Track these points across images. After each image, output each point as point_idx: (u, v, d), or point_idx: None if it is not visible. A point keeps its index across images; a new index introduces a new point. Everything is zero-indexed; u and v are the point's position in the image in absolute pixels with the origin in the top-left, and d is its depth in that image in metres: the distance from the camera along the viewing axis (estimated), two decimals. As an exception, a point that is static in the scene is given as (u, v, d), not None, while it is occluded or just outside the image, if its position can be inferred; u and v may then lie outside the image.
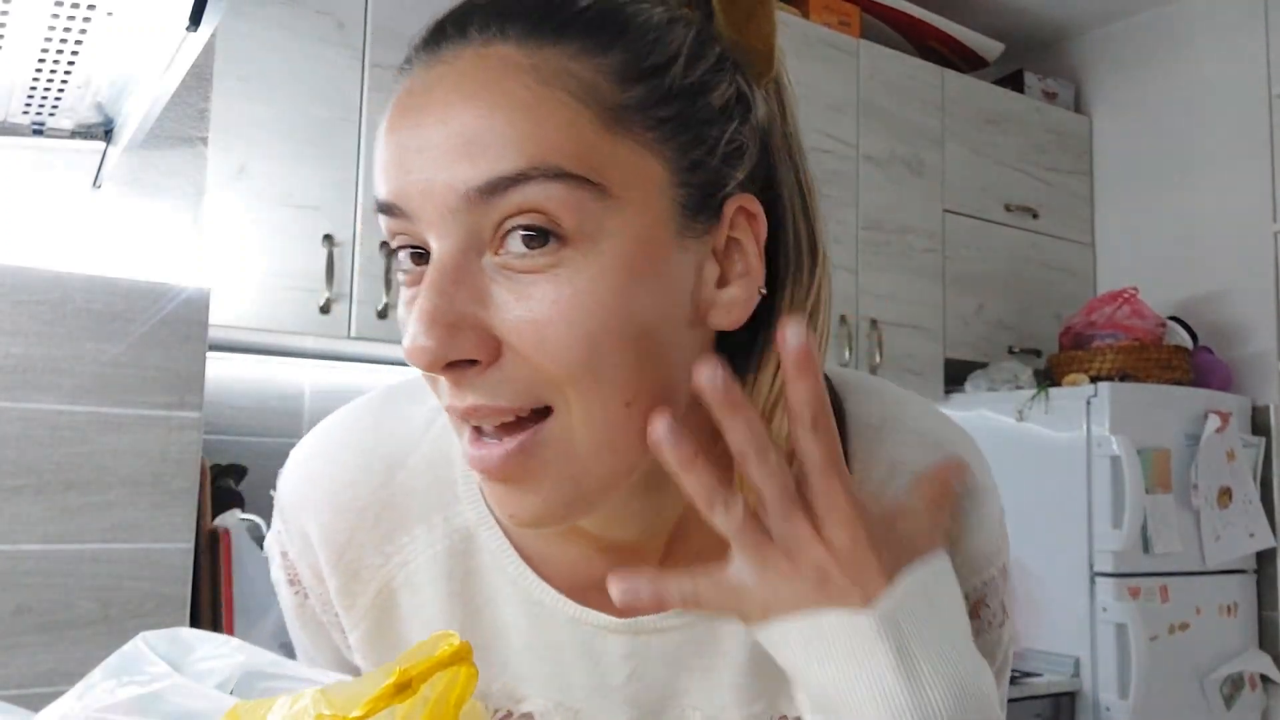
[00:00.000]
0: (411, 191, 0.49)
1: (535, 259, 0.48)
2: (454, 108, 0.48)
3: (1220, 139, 2.91)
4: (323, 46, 1.92)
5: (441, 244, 0.49)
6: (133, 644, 0.58)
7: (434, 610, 0.62)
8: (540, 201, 0.47)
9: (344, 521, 0.63)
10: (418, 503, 0.62)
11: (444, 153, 0.48)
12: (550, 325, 0.48)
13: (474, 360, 0.48)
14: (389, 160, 0.50)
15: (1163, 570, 2.48)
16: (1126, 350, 2.62)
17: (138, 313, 1.48)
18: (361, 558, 0.63)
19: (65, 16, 0.93)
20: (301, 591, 0.67)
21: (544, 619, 0.61)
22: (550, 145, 0.47)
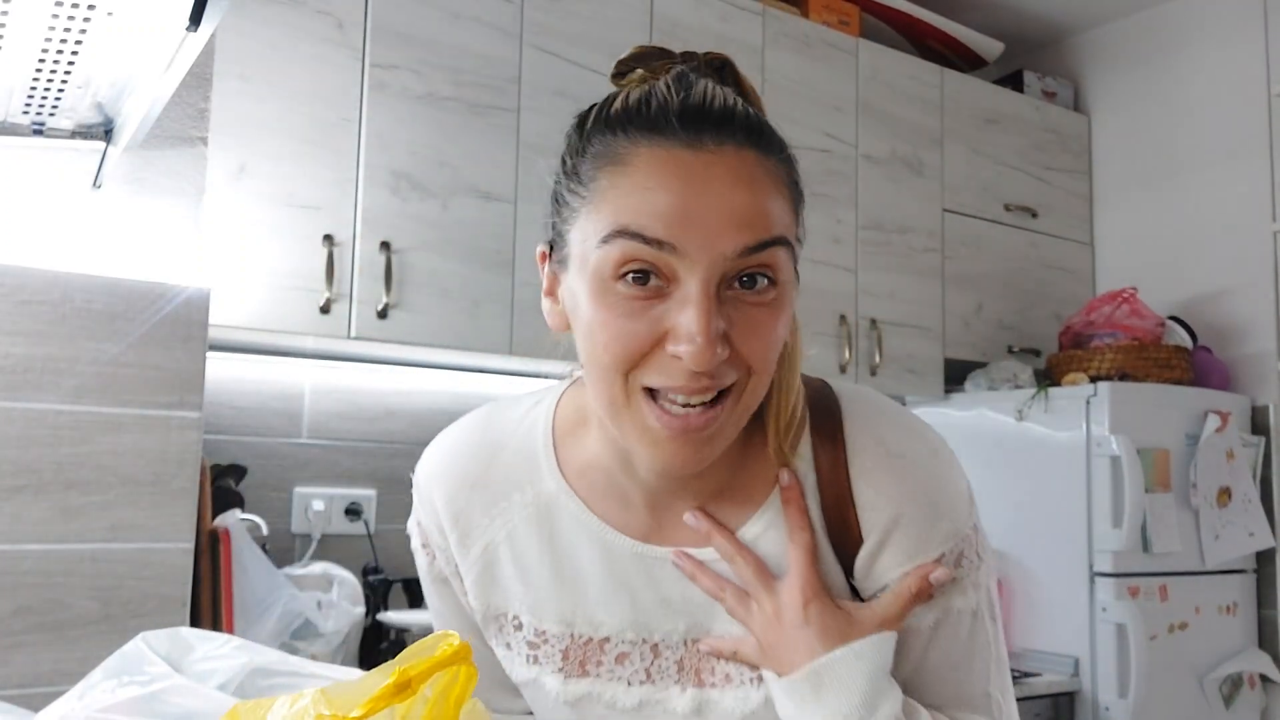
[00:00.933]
0: (689, 237, 0.69)
1: (759, 295, 0.72)
2: (733, 189, 0.71)
3: (1220, 139, 2.91)
4: (323, 46, 1.92)
5: (704, 278, 0.70)
6: (133, 644, 0.58)
7: (530, 558, 0.85)
8: (772, 259, 0.72)
9: (461, 489, 0.87)
10: (514, 477, 0.86)
11: (724, 218, 0.70)
12: (766, 340, 0.73)
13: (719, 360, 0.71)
14: (668, 210, 0.70)
15: (1162, 570, 2.48)
16: (1126, 350, 2.62)
17: (138, 313, 1.48)
18: (473, 517, 0.86)
19: (65, 16, 0.93)
20: (430, 552, 0.90)
21: (615, 557, 0.83)
22: (782, 223, 0.73)
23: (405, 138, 1.99)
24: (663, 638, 0.83)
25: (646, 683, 0.83)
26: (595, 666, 0.84)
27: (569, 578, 0.84)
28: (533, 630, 0.85)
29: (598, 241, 0.71)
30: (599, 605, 0.83)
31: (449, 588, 0.90)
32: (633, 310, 0.71)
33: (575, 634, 0.84)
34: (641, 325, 0.71)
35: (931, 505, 0.80)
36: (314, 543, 2.14)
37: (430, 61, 2.03)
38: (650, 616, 0.83)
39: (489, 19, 2.11)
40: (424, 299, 1.98)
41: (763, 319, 0.72)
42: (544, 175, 0.80)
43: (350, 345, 2.01)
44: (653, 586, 0.83)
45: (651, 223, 0.69)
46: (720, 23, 2.44)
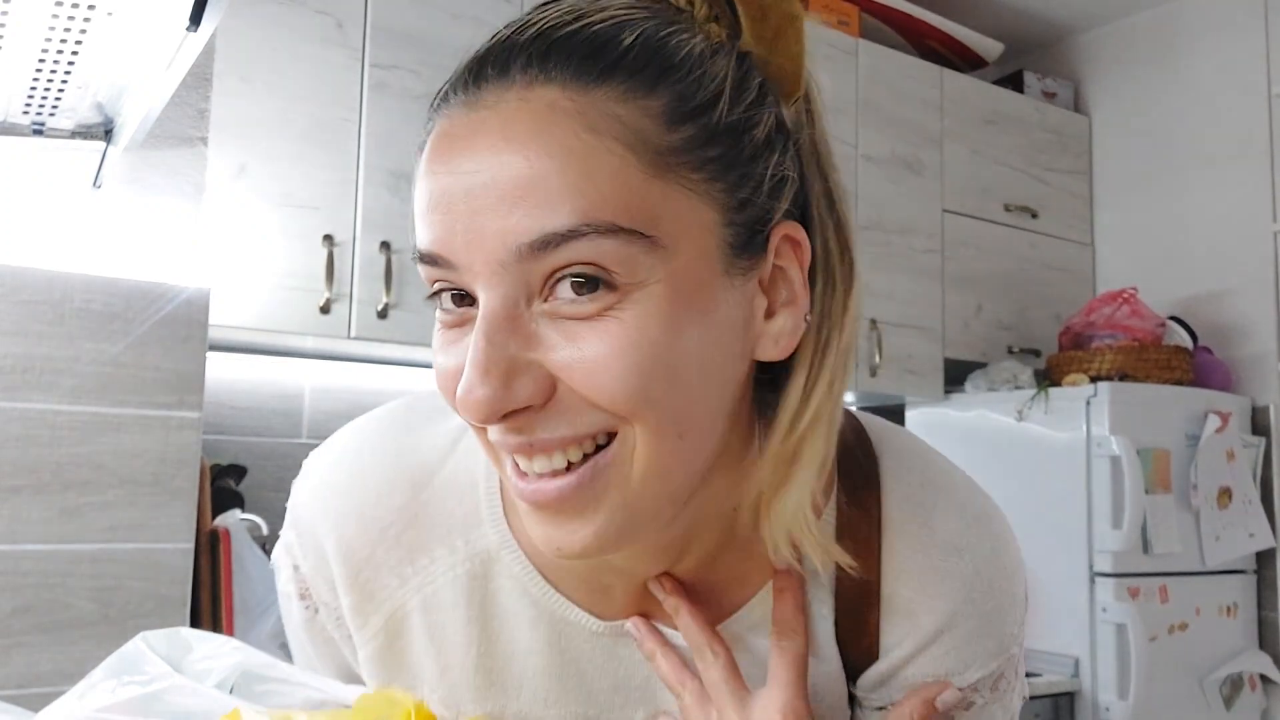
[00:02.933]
0: (456, 243, 0.49)
1: (585, 305, 0.48)
2: (501, 155, 0.47)
3: (1220, 139, 2.91)
4: (323, 46, 1.92)
5: (490, 294, 0.48)
6: (133, 644, 0.58)
7: (451, 633, 0.63)
8: (592, 256, 0.47)
9: (365, 538, 0.62)
10: (441, 524, 0.62)
11: (492, 204, 0.47)
12: (602, 364, 0.48)
13: (511, 412, 0.48)
14: (430, 206, 0.50)
15: (1162, 570, 2.48)
16: (1126, 350, 2.62)
17: (138, 313, 1.48)
18: (378, 577, 0.63)
19: (65, 16, 0.93)
20: (312, 606, 0.66)
21: (568, 635, 0.62)
22: (601, 198, 0.47)
23: (405, 138, 1.99)
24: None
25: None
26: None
27: (501, 665, 0.63)
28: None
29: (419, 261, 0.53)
30: (539, 700, 0.63)
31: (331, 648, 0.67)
32: (448, 340, 0.52)
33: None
34: (453, 360, 0.51)
35: (983, 618, 0.61)
36: (314, 543, 2.14)
37: (430, 61, 2.03)
38: (603, 708, 0.64)
39: (489, 19, 2.11)
40: (424, 299, 1.98)
41: (594, 338, 0.48)
42: None
43: (350, 345, 2.01)
44: (612, 669, 0.63)
45: (423, 230, 0.51)
46: (720, 23, 2.43)
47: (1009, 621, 0.63)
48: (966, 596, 0.60)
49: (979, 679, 0.62)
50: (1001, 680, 0.63)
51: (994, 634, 0.62)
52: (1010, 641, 0.63)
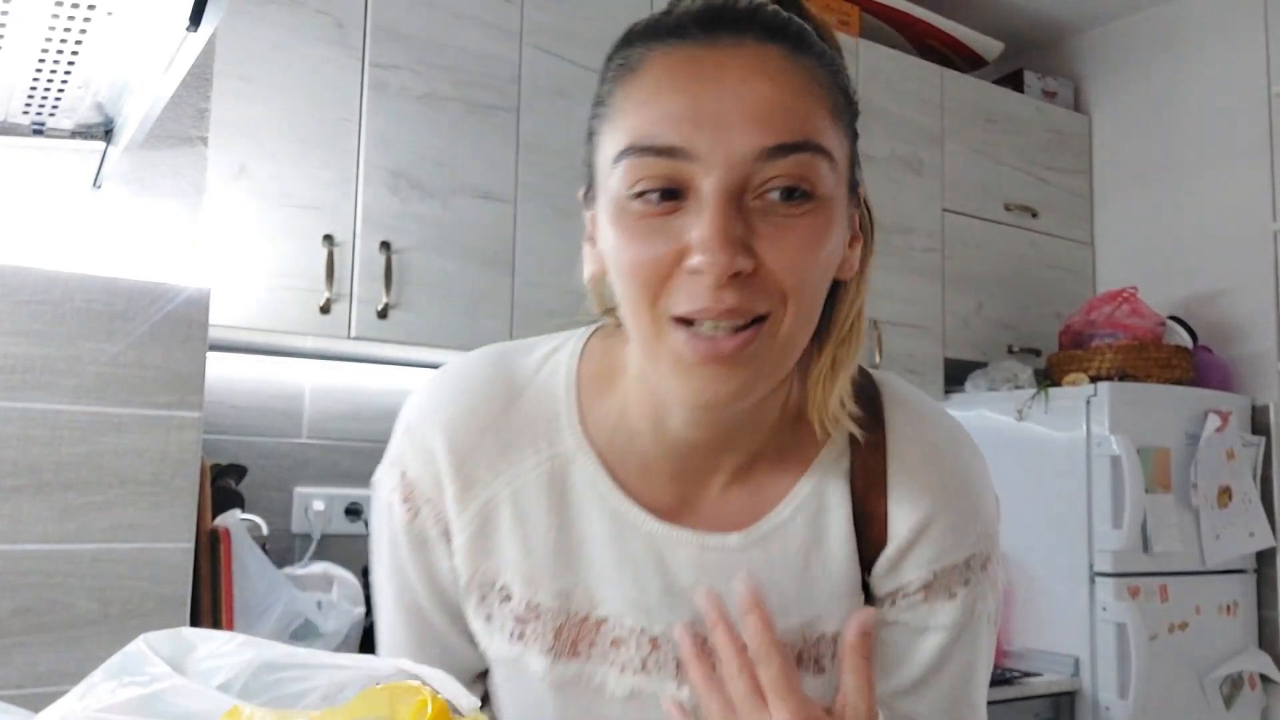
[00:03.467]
0: (701, 139, 0.63)
1: (791, 208, 0.65)
2: (749, 83, 0.64)
3: (1220, 139, 2.91)
4: (323, 46, 1.92)
5: (721, 183, 0.63)
6: (134, 644, 0.58)
7: (534, 520, 0.77)
8: (803, 169, 0.64)
9: (469, 436, 0.77)
10: (529, 429, 0.77)
11: (740, 115, 0.63)
12: (799, 253, 0.65)
13: (742, 272, 0.63)
14: (677, 112, 0.64)
15: (1162, 570, 2.48)
16: (1126, 350, 2.62)
17: (138, 313, 1.48)
18: (477, 470, 0.77)
19: (65, 16, 0.93)
20: (414, 508, 0.78)
21: (626, 532, 0.76)
22: (815, 128, 0.65)
23: (405, 138, 1.99)
24: (664, 630, 0.76)
25: (641, 673, 0.76)
26: (588, 648, 0.76)
27: (574, 548, 0.76)
28: (524, 604, 0.77)
29: (612, 162, 0.67)
30: (601, 582, 0.76)
31: (425, 552, 0.78)
32: (650, 229, 0.65)
33: (571, 610, 0.76)
34: (659, 244, 0.64)
35: (970, 506, 0.77)
36: (314, 543, 2.14)
37: (430, 61, 2.03)
38: (654, 605, 0.76)
39: (489, 19, 2.11)
40: (424, 299, 1.98)
41: (796, 233, 0.64)
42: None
43: (350, 345, 2.01)
44: (661, 572, 0.76)
45: (661, 129, 0.64)
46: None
47: (985, 514, 0.79)
48: (953, 488, 0.77)
49: (970, 556, 0.77)
50: (989, 563, 0.79)
51: (976, 520, 0.78)
52: (989, 529, 0.80)
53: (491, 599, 0.78)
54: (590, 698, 0.77)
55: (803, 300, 0.66)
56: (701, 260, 0.63)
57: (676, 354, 0.66)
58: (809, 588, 0.77)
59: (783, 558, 0.76)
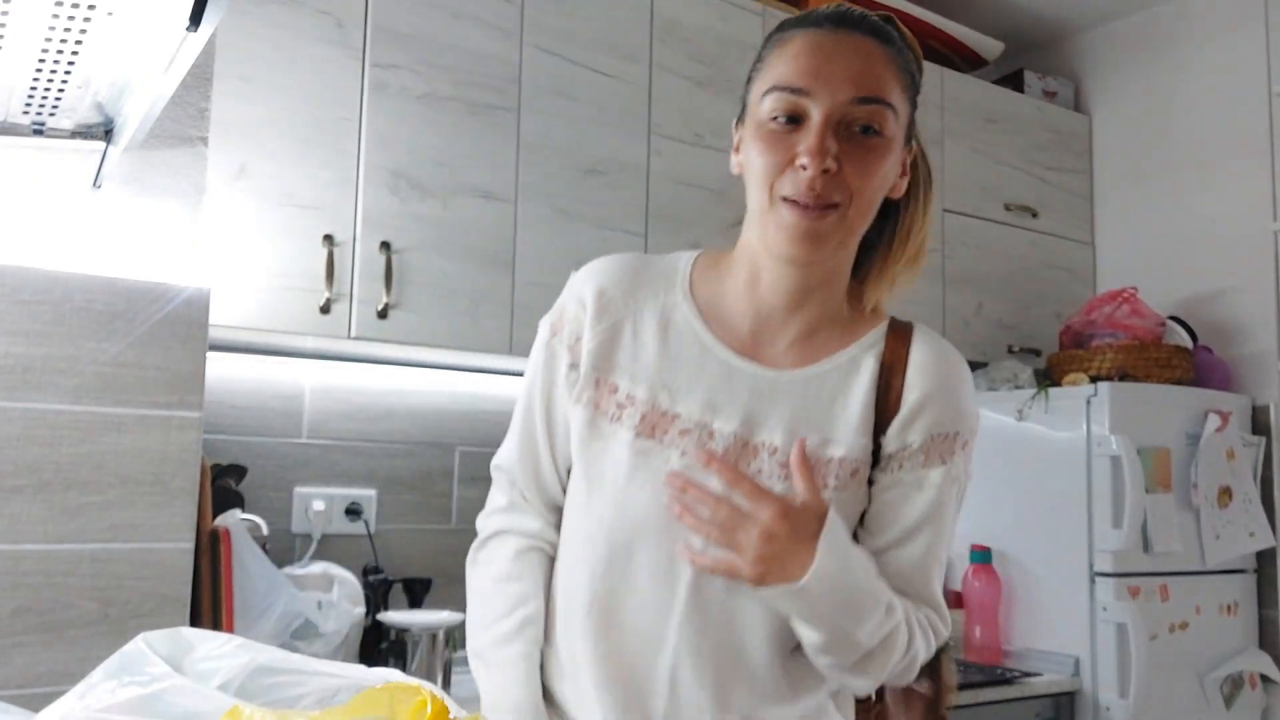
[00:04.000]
0: (817, 86, 1.03)
1: (865, 139, 1.04)
2: (858, 55, 1.04)
3: (1220, 138, 2.91)
4: (323, 46, 1.92)
5: (824, 114, 1.02)
6: (133, 644, 0.58)
7: (645, 339, 1.12)
8: (879, 116, 1.04)
9: (609, 278, 1.14)
10: (652, 284, 1.14)
11: (843, 76, 1.03)
12: (864, 167, 1.03)
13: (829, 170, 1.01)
14: (805, 68, 1.03)
15: (1162, 570, 2.48)
16: (1126, 349, 2.62)
17: (138, 313, 1.48)
18: (612, 303, 1.13)
19: (65, 16, 0.93)
20: (557, 328, 1.15)
21: (707, 357, 1.11)
22: (887, 91, 1.05)
23: (405, 138, 1.99)
24: (719, 427, 1.08)
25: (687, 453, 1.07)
26: (662, 434, 1.08)
27: (668, 363, 1.10)
28: (625, 395, 1.10)
29: (760, 96, 1.06)
30: (682, 389, 1.09)
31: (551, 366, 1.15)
32: (777, 140, 1.03)
33: (655, 404, 1.09)
34: (781, 149, 1.03)
35: (963, 395, 1.11)
36: (314, 543, 2.14)
37: (430, 61, 2.03)
38: (717, 409, 1.08)
39: (489, 19, 2.11)
40: (424, 299, 1.98)
41: (866, 157, 1.03)
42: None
43: (350, 345, 2.01)
44: (727, 388, 1.09)
45: (794, 77, 1.03)
46: (720, 22, 2.44)
47: (972, 409, 1.12)
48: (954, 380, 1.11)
49: (958, 432, 1.10)
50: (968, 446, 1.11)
51: (966, 407, 1.11)
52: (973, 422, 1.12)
53: (603, 390, 1.11)
54: (656, 465, 1.07)
55: (862, 199, 1.04)
56: (803, 158, 1.01)
57: (781, 219, 1.03)
58: (830, 421, 1.09)
59: (815, 396, 1.09)
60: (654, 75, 2.30)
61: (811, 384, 1.09)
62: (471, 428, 2.37)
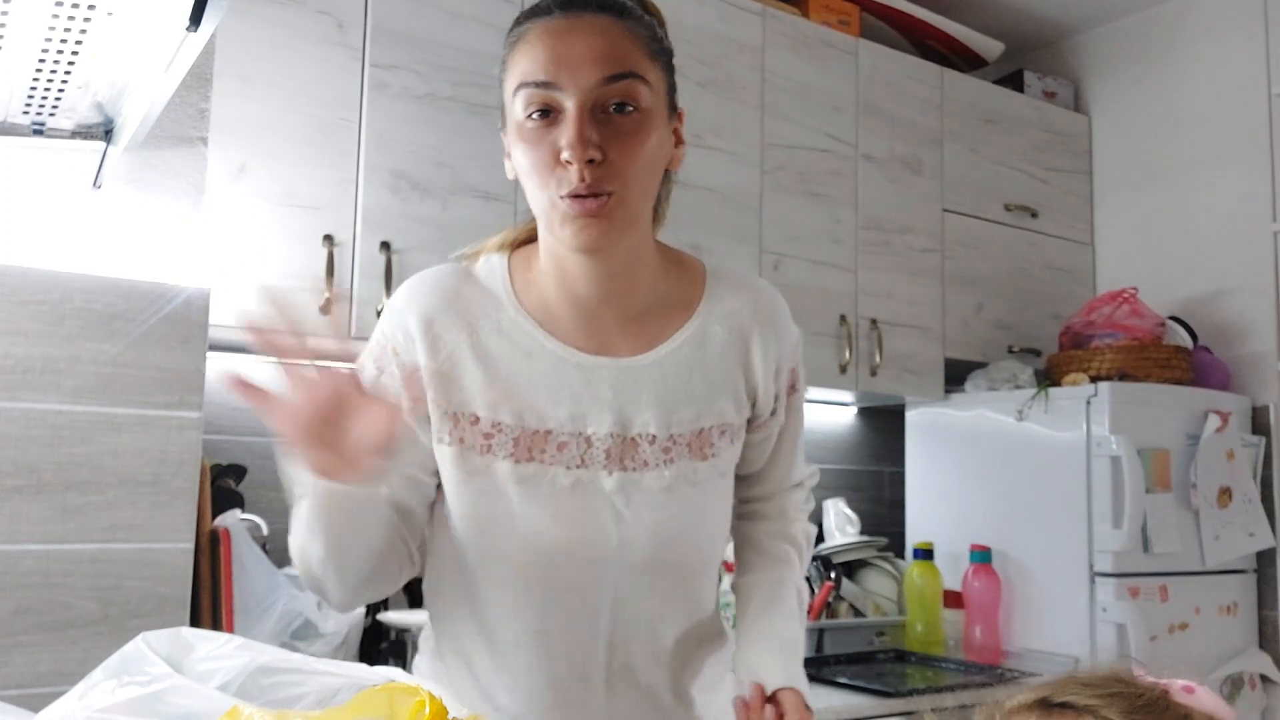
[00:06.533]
0: (563, 75, 0.99)
1: (623, 118, 1.01)
2: (595, 34, 1.00)
3: (1220, 139, 2.91)
4: (323, 46, 1.92)
5: (579, 103, 0.98)
6: (133, 644, 0.58)
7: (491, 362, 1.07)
8: (629, 91, 1.01)
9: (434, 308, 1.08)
10: (478, 303, 1.09)
11: (588, 58, 0.99)
12: (631, 148, 1.00)
13: (594, 160, 0.98)
14: (547, 59, 0.99)
15: (1162, 570, 2.48)
16: (1126, 350, 2.62)
17: (138, 313, 1.48)
18: (442, 331, 1.07)
19: (65, 17, 0.93)
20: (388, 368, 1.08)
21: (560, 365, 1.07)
22: (634, 63, 1.01)
23: (405, 138, 1.99)
24: (594, 430, 1.07)
25: (580, 467, 1.07)
26: (540, 453, 1.06)
27: (523, 382, 1.06)
28: (489, 423, 1.06)
29: (510, 97, 1.02)
30: (546, 403, 1.06)
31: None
32: (539, 137, 1.00)
33: (525, 425, 1.06)
34: (544, 146, 0.99)
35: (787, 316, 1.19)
36: (314, 543, 2.13)
37: (430, 61, 2.03)
38: (585, 413, 1.07)
39: (489, 19, 2.11)
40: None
41: (628, 138, 1.00)
42: None
43: (350, 345, 2.01)
44: (589, 389, 1.07)
45: (537, 70, 0.99)
46: (720, 22, 2.43)
47: (790, 323, 1.18)
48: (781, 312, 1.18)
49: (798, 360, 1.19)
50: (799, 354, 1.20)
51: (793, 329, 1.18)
52: (795, 331, 1.19)
53: (463, 424, 1.06)
54: (545, 488, 1.06)
55: (636, 180, 1.01)
56: (567, 155, 0.98)
57: (565, 214, 1.00)
58: (698, 394, 1.10)
59: (674, 373, 1.10)
60: (654, 75, 2.30)
61: (666, 364, 1.10)
62: (471, 428, 2.37)
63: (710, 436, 1.11)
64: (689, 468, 1.09)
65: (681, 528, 1.10)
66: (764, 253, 2.44)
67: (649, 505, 1.08)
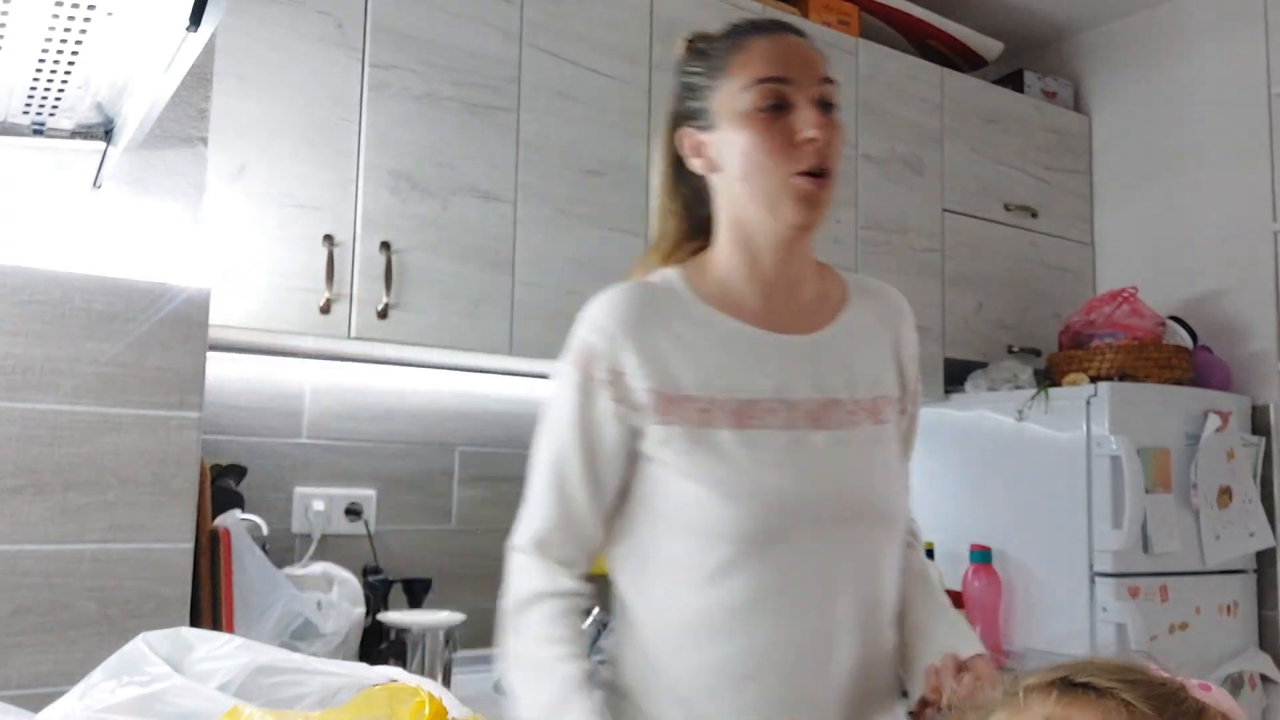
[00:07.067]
0: (797, 73, 1.17)
1: (830, 114, 1.18)
2: (808, 49, 1.21)
3: (1220, 138, 2.91)
4: (323, 46, 1.92)
5: (809, 96, 1.17)
6: (133, 644, 0.58)
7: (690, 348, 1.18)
8: (833, 93, 1.19)
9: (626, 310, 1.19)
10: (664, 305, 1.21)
11: (810, 61, 1.19)
12: (837, 140, 1.19)
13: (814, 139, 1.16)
14: (780, 60, 1.18)
15: (1162, 570, 2.48)
16: (1126, 350, 2.62)
17: (138, 313, 1.48)
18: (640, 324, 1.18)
19: (65, 16, 0.93)
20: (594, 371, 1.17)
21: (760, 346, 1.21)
22: (832, 72, 1.21)
23: (405, 138, 1.99)
24: (796, 397, 1.18)
25: (789, 429, 1.17)
26: (751, 420, 1.16)
27: (726, 361, 1.18)
28: (705, 400, 1.16)
29: (740, 92, 1.17)
30: (752, 378, 1.18)
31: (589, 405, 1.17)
32: (770, 124, 1.16)
33: (734, 395, 1.17)
34: (778, 131, 1.16)
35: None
36: (314, 543, 2.14)
37: (430, 61, 2.03)
38: (787, 382, 1.19)
39: (489, 19, 2.11)
40: (424, 299, 1.98)
41: (835, 129, 1.18)
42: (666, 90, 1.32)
43: (350, 345, 2.01)
44: (786, 362, 1.20)
45: (774, 68, 1.17)
46: (721, 22, 2.43)
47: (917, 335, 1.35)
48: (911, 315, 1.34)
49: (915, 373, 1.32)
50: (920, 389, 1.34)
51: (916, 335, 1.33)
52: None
53: (677, 406, 1.16)
54: (764, 450, 1.15)
55: (839, 165, 1.19)
56: (813, 133, 1.15)
57: (799, 191, 1.16)
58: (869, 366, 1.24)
59: (850, 346, 1.24)
60: (654, 75, 2.30)
61: (842, 338, 1.24)
62: (471, 428, 2.37)
63: (881, 405, 1.23)
64: (874, 431, 1.22)
65: (887, 480, 1.22)
66: (764, 253, 2.44)
67: (858, 459, 1.20)
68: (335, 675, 0.59)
